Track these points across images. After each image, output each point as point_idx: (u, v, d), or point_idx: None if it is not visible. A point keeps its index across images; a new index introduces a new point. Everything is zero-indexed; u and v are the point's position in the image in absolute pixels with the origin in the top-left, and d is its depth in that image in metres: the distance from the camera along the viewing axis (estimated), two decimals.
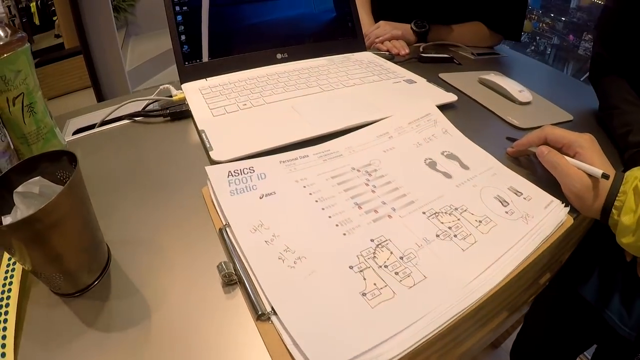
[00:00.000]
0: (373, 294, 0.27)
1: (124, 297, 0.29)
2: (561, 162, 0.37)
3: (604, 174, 0.34)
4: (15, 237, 0.24)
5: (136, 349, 0.25)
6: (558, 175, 0.37)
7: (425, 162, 0.40)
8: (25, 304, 0.28)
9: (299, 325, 0.25)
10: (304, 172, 0.37)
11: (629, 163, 0.44)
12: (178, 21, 0.57)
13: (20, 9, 1.24)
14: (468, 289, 0.28)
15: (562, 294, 0.59)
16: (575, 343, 0.62)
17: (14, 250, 0.26)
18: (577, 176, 0.36)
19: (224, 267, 0.29)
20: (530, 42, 1.63)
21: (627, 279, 0.50)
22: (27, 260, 0.27)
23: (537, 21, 1.60)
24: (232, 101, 0.51)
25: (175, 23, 0.57)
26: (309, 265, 0.29)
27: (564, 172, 0.36)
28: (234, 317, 0.27)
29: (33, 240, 0.25)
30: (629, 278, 0.50)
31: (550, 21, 1.56)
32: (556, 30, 1.55)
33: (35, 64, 0.51)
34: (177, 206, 0.37)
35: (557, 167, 0.37)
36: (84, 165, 0.43)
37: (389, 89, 0.54)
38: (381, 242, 0.31)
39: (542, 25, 1.59)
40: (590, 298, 0.53)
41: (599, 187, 0.36)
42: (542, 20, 1.58)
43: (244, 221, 0.32)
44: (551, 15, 1.56)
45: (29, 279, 0.30)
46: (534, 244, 0.32)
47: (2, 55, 0.45)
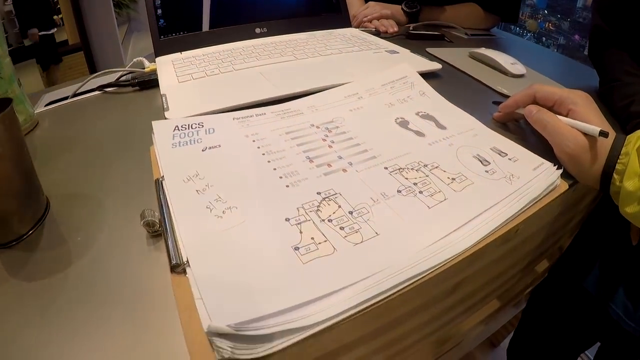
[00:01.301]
0: (308, 248, 0.22)
1: (52, 248, 0.28)
2: (552, 119, 0.32)
3: (602, 132, 0.29)
4: None
5: (53, 297, 0.24)
6: (549, 135, 0.32)
7: (395, 121, 0.35)
8: None
9: (210, 278, 0.20)
10: (257, 128, 0.33)
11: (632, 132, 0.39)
12: None
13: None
14: (430, 251, 0.23)
15: (562, 285, 0.54)
16: (576, 340, 0.56)
17: None
18: (570, 135, 0.31)
19: (146, 214, 0.25)
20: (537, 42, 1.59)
21: (632, 269, 0.44)
22: None
23: (543, 21, 1.56)
24: (200, 69, 0.48)
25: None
26: (238, 215, 0.24)
27: (556, 130, 0.31)
28: (153, 269, 0.25)
29: None
30: (634, 268, 0.44)
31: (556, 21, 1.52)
32: (562, 30, 1.50)
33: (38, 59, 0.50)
34: (126, 165, 0.35)
35: (547, 126, 0.32)
36: (48, 133, 0.43)
37: (367, 58, 0.50)
38: (329, 195, 0.26)
39: (548, 26, 1.55)
40: (592, 290, 0.48)
41: (596, 148, 0.31)
42: (548, 20, 1.54)
43: (179, 172, 0.28)
44: (557, 16, 1.52)
45: None
46: (519, 205, 0.27)
47: None
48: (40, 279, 0.25)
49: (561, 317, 0.55)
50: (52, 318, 0.23)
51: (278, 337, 0.18)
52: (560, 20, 1.51)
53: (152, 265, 0.25)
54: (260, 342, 0.18)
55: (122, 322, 0.22)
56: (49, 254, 0.27)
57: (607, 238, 0.48)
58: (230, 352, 0.18)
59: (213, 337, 0.18)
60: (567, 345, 0.59)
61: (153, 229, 0.26)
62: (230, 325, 0.18)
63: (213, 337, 0.18)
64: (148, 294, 0.24)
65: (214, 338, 0.18)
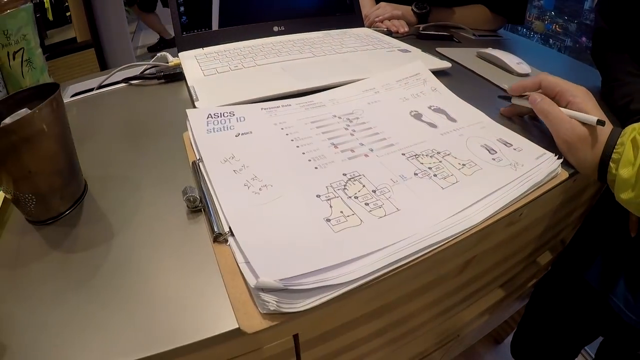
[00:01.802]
0: (338, 220, 0.25)
1: (91, 224, 0.29)
2: (553, 109, 0.35)
3: (599, 121, 0.32)
4: None
5: (93, 268, 0.25)
6: (550, 123, 0.35)
7: (410, 113, 0.38)
8: (0, 234, 0.29)
9: (253, 244, 0.23)
10: (284, 117, 0.36)
11: None
12: None
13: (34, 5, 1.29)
14: (445, 224, 0.26)
15: (564, 279, 0.56)
16: (579, 333, 0.58)
17: None
18: (569, 124, 0.33)
19: (187, 190, 0.28)
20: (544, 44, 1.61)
21: (633, 262, 0.46)
22: (2, 176, 0.27)
23: (550, 23, 1.58)
24: (224, 64, 0.51)
25: None
26: (274, 192, 0.27)
27: (556, 118, 0.34)
28: (193, 241, 0.27)
29: (7, 153, 0.25)
30: (635, 261, 0.46)
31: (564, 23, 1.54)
32: (569, 32, 1.52)
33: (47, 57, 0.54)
34: (158, 149, 0.37)
35: (548, 115, 0.35)
36: (78, 121, 0.46)
37: (381, 56, 0.53)
38: (354, 176, 0.29)
39: (555, 27, 1.57)
40: (594, 283, 0.50)
41: (594, 137, 0.33)
42: (555, 22, 1.56)
43: (216, 154, 0.31)
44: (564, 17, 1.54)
45: (9, 211, 0.31)
46: (523, 188, 0.30)
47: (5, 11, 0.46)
48: (82, 251, 0.27)
49: (564, 310, 0.57)
50: (96, 283, 0.24)
51: (316, 293, 0.21)
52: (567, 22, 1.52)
53: (192, 237, 0.27)
54: (301, 297, 0.21)
55: (164, 288, 0.23)
56: (89, 229, 0.29)
57: (609, 231, 0.50)
58: (276, 305, 0.21)
59: (259, 292, 0.21)
60: (570, 339, 0.60)
61: (193, 204, 0.29)
62: (277, 280, 0.20)
63: (259, 292, 0.21)
64: (189, 262, 0.25)
65: (261, 293, 0.21)
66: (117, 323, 0.22)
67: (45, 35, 1.41)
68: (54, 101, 0.28)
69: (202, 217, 0.28)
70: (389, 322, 0.35)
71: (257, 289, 0.21)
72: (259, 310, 0.22)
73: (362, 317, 0.30)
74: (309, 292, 0.21)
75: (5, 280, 0.25)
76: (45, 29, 1.37)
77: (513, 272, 0.53)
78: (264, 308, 0.21)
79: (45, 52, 1.42)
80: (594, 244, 0.52)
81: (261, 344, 0.24)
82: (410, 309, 0.36)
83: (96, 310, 0.23)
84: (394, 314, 0.34)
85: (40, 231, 0.29)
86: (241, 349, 0.24)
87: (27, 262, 0.26)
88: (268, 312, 0.21)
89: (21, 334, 0.22)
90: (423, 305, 0.37)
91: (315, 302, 0.21)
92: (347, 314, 0.28)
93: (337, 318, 0.28)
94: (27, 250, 0.27)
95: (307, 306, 0.21)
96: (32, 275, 0.25)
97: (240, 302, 0.22)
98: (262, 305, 0.21)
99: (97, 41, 1.40)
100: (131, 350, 0.21)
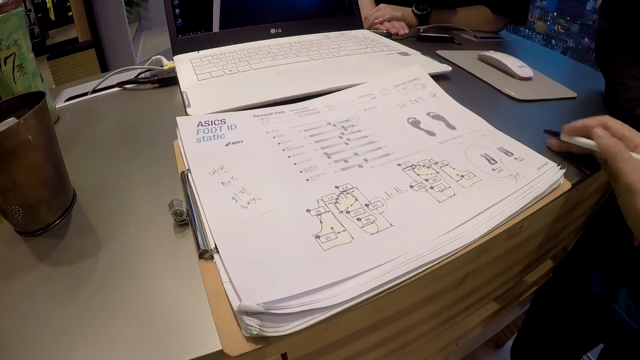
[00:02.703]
0: (328, 237, 0.24)
1: (80, 236, 0.29)
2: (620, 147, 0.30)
3: None
4: None
5: (80, 282, 0.25)
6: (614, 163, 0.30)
7: (407, 120, 0.37)
8: None
9: (238, 262, 0.22)
10: (277, 125, 0.35)
11: None
12: None
13: (35, 4, 1.29)
14: (440, 241, 0.25)
15: (566, 286, 0.54)
16: (579, 340, 0.57)
17: None
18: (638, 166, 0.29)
19: (174, 204, 0.27)
20: (546, 44, 1.59)
21: (635, 270, 0.45)
22: None
23: (552, 23, 1.56)
24: (219, 68, 0.50)
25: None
26: (262, 206, 0.26)
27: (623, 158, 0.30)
28: (180, 256, 0.26)
29: None
30: (637, 269, 0.45)
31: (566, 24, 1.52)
32: (571, 33, 1.50)
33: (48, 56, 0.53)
34: (149, 157, 0.37)
35: (615, 153, 0.30)
36: (70, 127, 0.45)
37: (380, 59, 0.52)
38: (347, 189, 0.28)
39: (557, 28, 1.55)
40: (595, 290, 0.49)
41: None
42: (558, 22, 1.54)
43: (205, 164, 0.30)
44: (567, 18, 1.52)
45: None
46: (524, 201, 0.29)
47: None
48: (69, 264, 0.26)
49: (565, 317, 0.56)
50: (84, 297, 0.24)
51: (301, 316, 0.20)
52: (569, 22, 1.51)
53: (179, 251, 0.26)
54: (285, 321, 0.20)
55: (150, 304, 0.23)
56: (77, 241, 0.28)
57: (611, 238, 0.49)
58: (259, 329, 0.20)
59: (242, 315, 0.20)
60: (570, 346, 0.59)
61: (180, 218, 0.28)
62: (259, 304, 0.19)
63: (242, 316, 0.20)
64: (175, 278, 0.25)
65: (244, 316, 0.20)
66: (103, 340, 0.21)
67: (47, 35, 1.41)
68: (39, 111, 0.27)
69: (189, 230, 0.28)
70: (384, 336, 0.34)
71: (240, 312, 0.20)
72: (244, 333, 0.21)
73: (355, 333, 0.29)
74: (294, 316, 0.20)
75: None
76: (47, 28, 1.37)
77: (514, 282, 0.51)
78: (247, 332, 0.20)
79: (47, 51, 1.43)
80: (596, 251, 0.51)
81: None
82: (406, 323, 0.35)
83: (82, 327, 0.22)
84: (390, 329, 0.33)
85: (29, 242, 0.28)
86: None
87: (15, 274, 0.26)
88: (251, 335, 0.20)
89: (8, 347, 0.21)
90: (419, 319, 0.36)
91: (300, 326, 0.20)
92: (339, 332, 0.27)
93: (328, 336, 0.26)
94: (15, 261, 0.27)
95: (291, 330, 0.20)
96: (20, 287, 0.25)
97: (224, 323, 0.21)
98: (245, 328, 0.20)
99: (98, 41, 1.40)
100: None
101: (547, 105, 0.48)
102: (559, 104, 0.48)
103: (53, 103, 0.49)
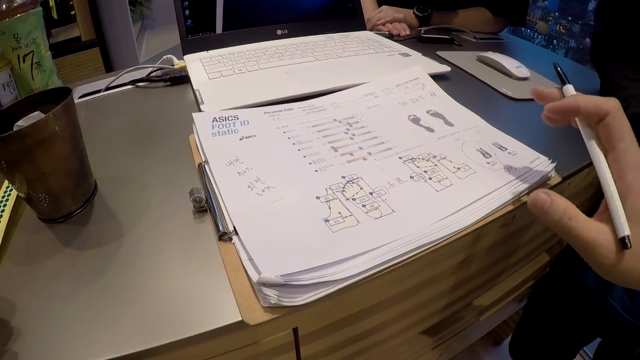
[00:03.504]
0: (336, 220, 0.26)
1: (102, 223, 0.31)
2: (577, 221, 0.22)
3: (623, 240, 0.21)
4: (7, 150, 0.26)
5: (104, 264, 0.27)
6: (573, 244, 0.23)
7: (408, 117, 0.39)
8: (14, 231, 0.30)
9: (255, 242, 0.25)
10: (286, 121, 0.38)
11: None
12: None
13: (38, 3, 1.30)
14: (437, 225, 0.27)
15: (562, 280, 0.56)
16: (576, 335, 0.59)
17: (5, 165, 0.27)
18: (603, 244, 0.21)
19: (194, 191, 0.30)
20: (547, 45, 1.60)
21: None
22: (17, 177, 0.28)
23: (553, 23, 1.57)
24: (228, 67, 0.53)
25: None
26: (276, 193, 0.29)
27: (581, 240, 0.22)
28: (199, 239, 0.28)
29: (22, 155, 0.27)
30: None
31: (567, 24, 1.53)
32: (573, 33, 1.52)
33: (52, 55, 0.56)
34: (165, 151, 0.39)
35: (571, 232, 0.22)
36: (86, 123, 0.47)
37: (382, 60, 0.54)
38: (352, 179, 0.30)
39: (558, 28, 1.57)
40: (591, 284, 0.50)
41: None
42: (559, 22, 1.56)
43: (221, 156, 0.33)
44: (568, 18, 1.53)
45: (21, 209, 0.32)
46: (516, 190, 0.31)
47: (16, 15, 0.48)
48: (92, 248, 0.28)
49: (561, 312, 0.57)
50: (107, 279, 0.25)
51: (314, 288, 0.23)
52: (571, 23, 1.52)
53: (198, 235, 0.28)
54: (300, 292, 0.23)
55: (172, 283, 0.25)
56: (99, 227, 0.30)
57: None
58: (277, 299, 0.22)
59: (262, 287, 0.23)
60: (568, 340, 0.60)
61: (200, 204, 0.30)
62: (278, 275, 0.22)
63: (262, 287, 0.23)
64: (195, 259, 0.27)
65: (263, 287, 0.23)
66: (126, 317, 0.23)
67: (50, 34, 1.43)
68: (67, 105, 0.29)
69: (207, 216, 0.30)
70: (386, 318, 0.36)
71: (260, 284, 0.23)
72: (260, 304, 0.23)
73: (359, 312, 0.31)
74: (308, 288, 0.22)
75: (20, 275, 0.26)
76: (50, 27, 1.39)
77: (511, 272, 0.54)
78: (265, 301, 0.23)
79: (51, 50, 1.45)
80: None
81: (263, 336, 0.26)
82: (407, 306, 0.37)
83: (106, 305, 0.24)
84: (391, 311, 0.36)
85: (52, 229, 0.30)
86: (244, 340, 0.25)
87: (40, 258, 0.28)
88: (269, 305, 0.23)
89: (35, 324, 0.23)
90: (420, 302, 0.38)
91: (313, 297, 0.23)
92: (345, 310, 0.29)
93: (335, 313, 0.29)
94: (39, 247, 0.29)
95: (305, 300, 0.22)
96: (45, 271, 0.27)
97: (244, 297, 0.24)
98: (264, 299, 0.23)
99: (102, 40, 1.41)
100: (140, 342, 0.22)
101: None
102: None
103: None
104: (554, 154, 0.36)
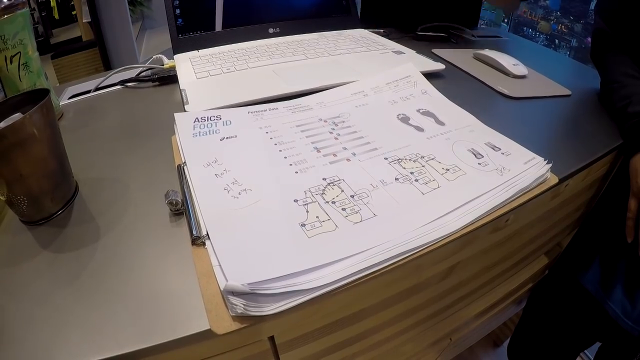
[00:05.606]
0: (313, 225, 0.25)
1: (81, 225, 0.30)
2: None
3: None
4: None
5: (79, 267, 0.26)
6: None
7: (397, 117, 0.38)
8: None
9: (227, 247, 0.24)
10: (270, 121, 0.37)
11: (629, 133, 0.41)
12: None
13: (39, 3, 1.31)
14: (421, 231, 0.26)
15: (561, 283, 0.55)
16: (576, 339, 0.57)
17: None
18: None
19: (170, 194, 0.29)
20: (549, 44, 1.58)
21: (631, 267, 0.45)
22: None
23: (555, 23, 1.55)
24: (217, 67, 0.52)
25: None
26: (253, 196, 0.27)
27: None
28: (175, 243, 0.28)
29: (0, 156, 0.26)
30: (633, 267, 0.45)
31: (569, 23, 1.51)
32: (575, 32, 1.49)
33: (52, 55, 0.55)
34: (148, 152, 0.38)
35: None
36: (74, 124, 0.47)
37: (374, 58, 0.53)
38: (333, 181, 0.29)
39: (560, 28, 1.54)
40: (590, 288, 0.49)
41: None
42: (561, 22, 1.53)
43: (200, 157, 0.32)
44: (570, 18, 1.51)
45: (4, 211, 0.32)
46: (508, 194, 0.29)
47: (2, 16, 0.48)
48: (70, 251, 0.28)
49: (560, 316, 0.56)
50: (83, 281, 0.25)
51: (284, 297, 0.22)
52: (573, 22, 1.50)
53: (173, 239, 0.28)
54: (268, 301, 0.21)
55: (145, 288, 0.24)
56: (78, 230, 0.29)
57: (607, 236, 0.49)
58: (243, 308, 0.21)
59: (228, 295, 0.21)
60: (567, 344, 0.59)
61: (175, 207, 0.29)
62: (244, 284, 0.21)
63: (228, 295, 0.21)
64: (169, 263, 0.26)
65: (230, 296, 0.21)
66: (98, 321, 0.23)
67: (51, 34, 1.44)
68: (44, 107, 0.29)
69: (184, 219, 0.29)
70: (374, 324, 0.35)
71: (227, 291, 0.21)
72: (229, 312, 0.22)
73: (342, 320, 0.30)
74: (277, 297, 0.21)
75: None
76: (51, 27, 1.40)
77: (506, 277, 0.52)
78: (232, 311, 0.21)
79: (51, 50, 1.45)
80: (591, 249, 0.51)
81: (234, 345, 0.24)
82: (394, 313, 0.36)
83: (80, 309, 0.24)
84: (377, 318, 0.34)
85: (33, 231, 0.30)
86: (217, 348, 0.24)
87: (20, 260, 0.27)
88: (236, 314, 0.21)
89: (10, 326, 0.23)
90: (407, 309, 0.37)
91: (283, 307, 0.21)
92: (324, 318, 0.28)
93: (314, 322, 0.28)
94: (20, 249, 0.28)
95: (274, 310, 0.21)
96: (23, 273, 0.26)
97: (213, 304, 0.23)
98: (231, 308, 0.21)
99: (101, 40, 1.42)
100: (110, 348, 0.21)
101: (540, 102, 0.48)
102: (552, 102, 0.49)
103: (57, 100, 0.51)
104: (551, 153, 0.34)
